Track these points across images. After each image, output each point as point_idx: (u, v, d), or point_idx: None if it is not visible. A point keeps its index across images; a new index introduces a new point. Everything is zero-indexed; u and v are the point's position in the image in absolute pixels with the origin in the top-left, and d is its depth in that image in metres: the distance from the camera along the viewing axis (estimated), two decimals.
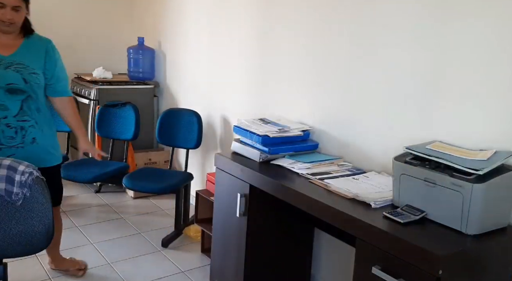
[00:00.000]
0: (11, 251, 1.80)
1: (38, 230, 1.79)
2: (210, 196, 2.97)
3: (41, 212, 1.78)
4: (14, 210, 1.77)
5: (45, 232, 1.80)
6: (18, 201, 1.76)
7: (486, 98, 1.84)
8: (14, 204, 1.76)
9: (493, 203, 1.63)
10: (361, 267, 1.71)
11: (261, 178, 2.21)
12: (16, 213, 1.77)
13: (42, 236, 1.80)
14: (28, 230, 1.78)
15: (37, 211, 1.78)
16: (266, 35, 2.97)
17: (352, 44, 2.39)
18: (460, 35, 1.91)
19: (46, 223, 1.79)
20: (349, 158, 2.43)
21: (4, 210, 1.77)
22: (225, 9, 3.36)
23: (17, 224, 1.77)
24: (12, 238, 1.77)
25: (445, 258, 1.46)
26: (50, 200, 1.81)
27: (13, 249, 1.79)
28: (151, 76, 4.28)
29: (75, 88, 4.18)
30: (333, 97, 2.52)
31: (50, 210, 1.80)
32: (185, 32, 3.88)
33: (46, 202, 1.79)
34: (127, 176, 3.23)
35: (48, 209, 1.79)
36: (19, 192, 1.76)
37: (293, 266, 2.62)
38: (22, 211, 1.77)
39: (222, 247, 2.54)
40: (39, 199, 1.78)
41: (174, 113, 3.56)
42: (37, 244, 1.81)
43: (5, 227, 1.77)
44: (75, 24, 4.36)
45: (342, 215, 1.79)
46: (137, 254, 3.05)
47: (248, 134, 2.45)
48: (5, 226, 1.77)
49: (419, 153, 1.77)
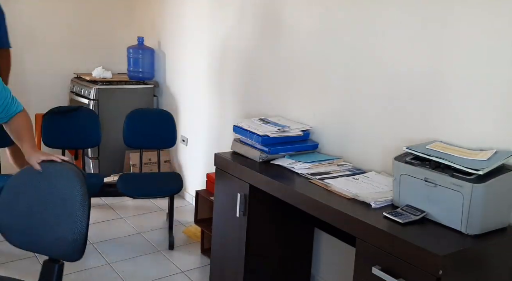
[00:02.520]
0: (51, 251, 1.69)
1: (66, 237, 1.64)
2: (210, 196, 2.97)
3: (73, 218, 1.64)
4: (52, 208, 1.68)
5: (71, 241, 1.62)
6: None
7: (486, 98, 1.84)
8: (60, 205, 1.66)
9: (493, 203, 1.63)
10: (361, 267, 1.71)
11: (261, 178, 2.21)
12: (53, 211, 1.67)
13: (68, 244, 1.63)
14: (63, 235, 1.64)
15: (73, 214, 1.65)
16: (266, 35, 2.97)
17: (352, 44, 2.38)
18: (460, 35, 1.91)
19: (75, 232, 1.62)
20: (349, 158, 2.43)
21: (50, 209, 1.68)
22: (224, 8, 3.36)
23: (54, 225, 1.67)
24: (55, 241, 1.66)
25: (445, 258, 1.46)
26: (87, 204, 1.64)
27: (56, 251, 1.67)
28: (151, 76, 4.28)
29: (74, 88, 4.19)
30: (333, 97, 2.51)
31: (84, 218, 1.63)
32: (185, 32, 3.88)
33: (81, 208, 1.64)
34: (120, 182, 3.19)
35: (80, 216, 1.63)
36: None
37: (293, 266, 2.62)
38: (59, 211, 1.66)
39: (222, 247, 2.54)
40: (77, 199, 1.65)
41: (142, 113, 3.52)
42: (68, 253, 1.65)
43: (51, 228, 1.67)
44: (75, 24, 4.35)
45: (342, 215, 1.78)
46: (137, 254, 3.05)
47: (248, 134, 2.45)
48: (45, 224, 1.68)
49: (419, 153, 1.77)
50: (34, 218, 1.71)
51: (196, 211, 3.15)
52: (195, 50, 3.77)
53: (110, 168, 4.10)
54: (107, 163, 4.09)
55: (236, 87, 3.29)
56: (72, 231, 1.62)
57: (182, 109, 4.03)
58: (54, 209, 1.68)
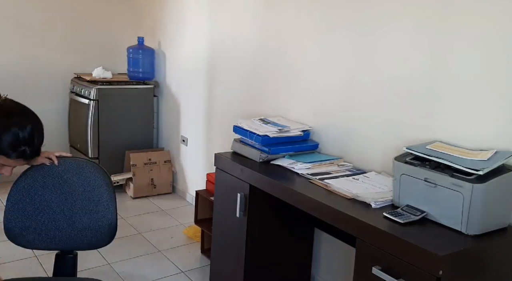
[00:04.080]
0: (79, 243, 1.77)
1: (101, 224, 1.77)
2: (210, 196, 2.97)
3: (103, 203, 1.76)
4: (81, 200, 1.75)
5: (106, 226, 1.77)
6: None
7: (486, 98, 1.84)
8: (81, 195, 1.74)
9: (493, 203, 1.63)
10: (361, 267, 1.71)
11: (261, 178, 2.21)
12: (81, 203, 1.75)
13: (104, 230, 1.78)
14: (92, 224, 1.76)
15: (101, 201, 1.76)
16: (266, 35, 2.97)
17: (352, 44, 2.38)
18: (460, 35, 1.91)
19: (108, 217, 1.77)
20: (349, 158, 2.43)
21: (70, 200, 1.75)
22: (225, 8, 3.36)
23: (83, 215, 1.75)
24: (79, 231, 1.76)
25: (445, 258, 1.46)
26: (112, 189, 1.78)
27: (80, 241, 1.77)
28: (151, 76, 4.28)
29: (74, 88, 4.19)
30: (333, 97, 2.51)
31: (113, 203, 1.77)
32: (185, 32, 3.88)
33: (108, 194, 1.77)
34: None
35: (110, 200, 1.76)
36: None
37: (293, 266, 2.62)
38: (86, 202, 1.76)
39: (222, 247, 2.54)
40: (102, 188, 1.76)
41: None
42: (101, 239, 1.80)
43: (73, 218, 1.75)
44: (75, 24, 4.35)
45: (342, 215, 1.78)
46: (137, 254, 3.05)
47: (248, 134, 2.45)
48: (73, 217, 1.75)
49: (419, 153, 1.77)
50: (59, 216, 1.76)
51: (196, 211, 3.15)
52: (195, 50, 3.77)
53: (111, 168, 4.10)
54: (108, 163, 4.08)
55: (236, 87, 3.29)
56: (106, 217, 1.77)
57: (182, 109, 4.03)
58: (82, 202, 1.76)
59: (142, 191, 4.03)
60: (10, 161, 1.51)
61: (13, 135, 1.47)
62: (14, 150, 1.48)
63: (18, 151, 1.49)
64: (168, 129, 4.28)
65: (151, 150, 4.22)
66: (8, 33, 4.05)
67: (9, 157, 1.49)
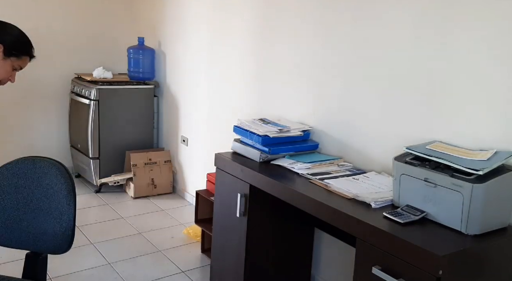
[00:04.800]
0: (36, 246, 1.70)
1: (57, 230, 1.67)
2: (210, 196, 2.97)
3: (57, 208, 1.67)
4: (38, 204, 1.68)
5: (61, 233, 1.65)
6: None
7: (486, 98, 1.84)
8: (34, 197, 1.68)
9: (493, 203, 1.63)
10: (361, 267, 1.71)
11: (261, 178, 2.21)
12: (38, 207, 1.68)
13: (57, 237, 1.66)
14: (48, 229, 1.68)
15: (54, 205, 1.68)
16: (266, 35, 2.97)
17: (352, 44, 2.39)
18: (460, 35, 1.91)
19: (63, 225, 1.66)
20: (349, 158, 2.43)
21: (28, 203, 1.69)
22: (225, 8, 3.36)
23: (38, 220, 1.69)
24: (34, 234, 1.69)
25: (445, 258, 1.46)
26: (72, 196, 1.67)
27: (38, 244, 1.70)
28: (151, 76, 4.28)
29: (75, 88, 4.19)
30: (333, 97, 2.52)
31: (71, 208, 1.66)
32: (185, 32, 3.88)
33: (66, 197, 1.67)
34: None
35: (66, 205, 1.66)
36: None
37: (293, 266, 2.62)
38: (44, 207, 1.68)
39: (222, 247, 2.54)
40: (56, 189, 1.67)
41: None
42: (58, 245, 1.68)
43: (27, 221, 1.69)
44: (75, 24, 4.35)
45: (342, 215, 1.79)
46: (137, 254, 3.05)
47: (248, 134, 2.45)
48: (27, 220, 1.69)
49: (419, 153, 1.77)
50: (19, 216, 1.71)
51: (196, 211, 3.15)
52: (195, 50, 3.77)
53: (111, 168, 4.11)
54: (108, 163, 4.09)
55: (237, 87, 3.30)
56: (60, 224, 1.67)
57: (183, 109, 4.03)
58: (39, 205, 1.69)
59: (143, 191, 4.03)
60: (26, 62, 1.80)
61: (25, 35, 1.77)
62: (32, 46, 1.79)
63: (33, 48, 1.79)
64: (168, 129, 4.28)
65: (152, 150, 4.22)
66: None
67: (32, 56, 1.81)
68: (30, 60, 1.86)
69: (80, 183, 4.28)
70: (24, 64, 1.84)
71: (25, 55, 1.81)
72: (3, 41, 1.73)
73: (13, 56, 1.77)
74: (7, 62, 1.77)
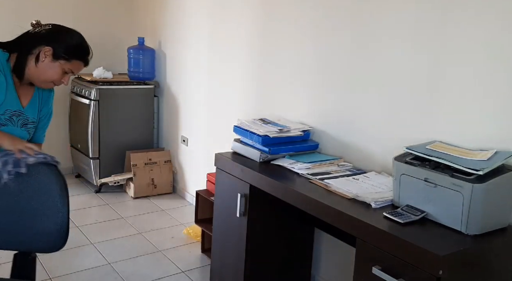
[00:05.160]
0: (27, 245, 1.71)
1: (51, 229, 1.68)
2: (210, 196, 2.97)
3: (50, 205, 1.68)
4: (30, 203, 1.68)
5: (55, 231, 1.67)
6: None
7: (486, 98, 1.84)
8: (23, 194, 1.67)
9: (493, 203, 1.63)
10: (361, 267, 1.71)
11: (261, 178, 2.21)
12: (31, 206, 1.68)
13: (52, 235, 1.67)
14: (41, 228, 1.68)
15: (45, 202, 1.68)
16: (266, 35, 2.97)
17: (352, 44, 2.39)
18: (460, 35, 1.91)
19: (58, 222, 1.67)
20: (349, 158, 2.43)
21: (8, 199, 1.68)
22: (225, 8, 3.36)
23: (32, 219, 1.69)
24: (26, 234, 1.69)
25: (445, 258, 1.46)
26: (65, 194, 1.68)
27: (30, 244, 1.70)
28: (151, 76, 4.28)
29: (75, 88, 4.19)
30: (333, 97, 2.52)
31: (65, 207, 1.67)
32: (185, 32, 3.88)
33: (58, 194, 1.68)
34: None
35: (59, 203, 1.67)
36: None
37: (293, 266, 2.62)
38: (37, 206, 1.68)
39: (222, 247, 2.54)
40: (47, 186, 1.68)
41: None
42: (52, 243, 1.69)
43: (18, 219, 1.68)
44: (75, 24, 4.31)
45: (342, 215, 1.79)
46: (137, 254, 3.05)
47: (248, 134, 2.45)
48: (18, 218, 1.68)
49: (419, 153, 1.77)
50: (10, 217, 1.70)
51: (196, 211, 3.15)
52: (195, 50, 3.77)
53: (111, 168, 4.11)
54: (108, 163, 4.09)
55: (237, 87, 3.30)
56: (55, 222, 1.68)
57: (183, 109, 4.03)
58: (32, 205, 1.69)
59: (143, 191, 4.03)
60: (78, 67, 1.87)
61: (80, 42, 1.93)
62: (88, 53, 1.89)
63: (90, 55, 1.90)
64: (169, 129, 4.28)
65: (152, 150, 4.22)
66: (8, 33, 4.05)
67: (87, 62, 1.89)
68: (85, 66, 1.92)
69: (80, 183, 4.28)
70: (76, 69, 1.89)
71: (75, 60, 1.87)
72: (54, 44, 1.83)
73: (62, 59, 1.83)
74: (56, 64, 1.82)
